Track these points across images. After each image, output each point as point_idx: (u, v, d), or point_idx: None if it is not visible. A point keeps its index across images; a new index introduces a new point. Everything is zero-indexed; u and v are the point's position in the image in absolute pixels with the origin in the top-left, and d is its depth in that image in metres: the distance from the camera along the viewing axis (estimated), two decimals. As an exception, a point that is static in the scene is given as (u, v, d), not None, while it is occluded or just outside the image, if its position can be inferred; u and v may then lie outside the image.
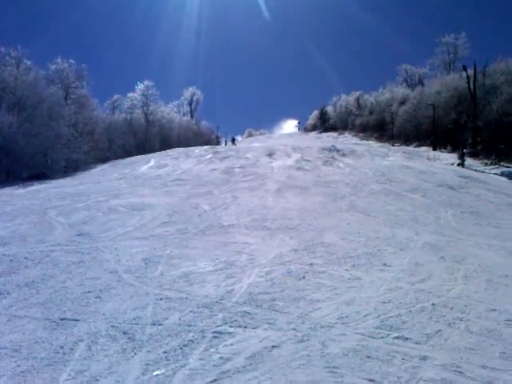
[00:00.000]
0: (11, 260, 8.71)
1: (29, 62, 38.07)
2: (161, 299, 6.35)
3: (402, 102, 59.64)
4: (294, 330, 5.28)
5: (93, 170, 33.75)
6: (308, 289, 6.87)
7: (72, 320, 5.62)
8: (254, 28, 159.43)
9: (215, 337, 5.06)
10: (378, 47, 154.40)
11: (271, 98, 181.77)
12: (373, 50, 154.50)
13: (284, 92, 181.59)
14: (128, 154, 45.11)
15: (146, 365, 4.40)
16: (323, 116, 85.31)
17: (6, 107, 33.00)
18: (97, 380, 4.12)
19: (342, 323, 5.55)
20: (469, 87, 43.36)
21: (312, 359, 4.57)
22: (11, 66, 35.80)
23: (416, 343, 5.09)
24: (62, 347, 4.83)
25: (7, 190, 22.45)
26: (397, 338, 5.20)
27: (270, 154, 32.40)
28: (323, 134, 75.00)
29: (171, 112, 72.50)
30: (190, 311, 5.85)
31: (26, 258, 8.81)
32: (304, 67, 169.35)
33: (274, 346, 4.83)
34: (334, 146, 35.89)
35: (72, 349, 4.79)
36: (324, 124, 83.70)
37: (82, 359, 4.56)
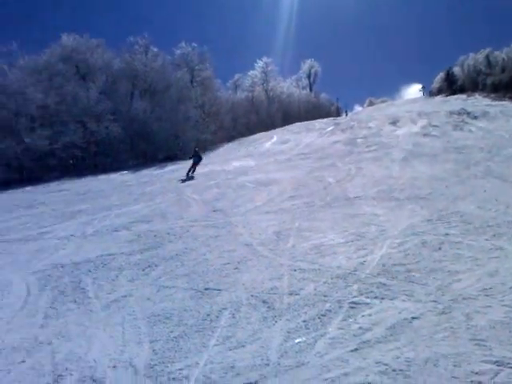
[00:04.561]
0: (155, 235, 9.48)
1: (156, 49, 40.07)
2: (295, 270, 6.52)
3: (540, 56, 53.43)
4: (434, 301, 5.12)
5: (220, 149, 35.13)
6: (445, 260, 6.59)
7: (215, 290, 6.00)
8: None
9: (352, 307, 5.09)
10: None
11: (392, 64, 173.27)
12: (502, 2, 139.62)
13: (405, 56, 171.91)
14: (251, 131, 46.10)
15: (288, 333, 4.58)
16: (450, 78, 79.48)
17: (139, 94, 35.39)
18: (243, 346, 4.38)
19: (486, 295, 5.26)
20: None
21: (456, 331, 4.42)
22: (140, 54, 38.05)
23: None
24: (208, 315, 5.20)
25: (146, 171, 24.35)
26: (549, 310, 4.82)
27: (394, 122, 31.18)
28: (450, 97, 69.88)
29: (290, 87, 72.48)
30: (325, 282, 5.93)
31: (168, 234, 9.53)
32: (425, 27, 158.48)
33: (414, 318, 4.74)
34: (463, 108, 33.50)
35: (217, 316, 5.14)
36: (451, 86, 77.87)
37: (227, 326, 4.87)
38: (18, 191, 21.76)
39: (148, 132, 32.72)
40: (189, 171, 20.28)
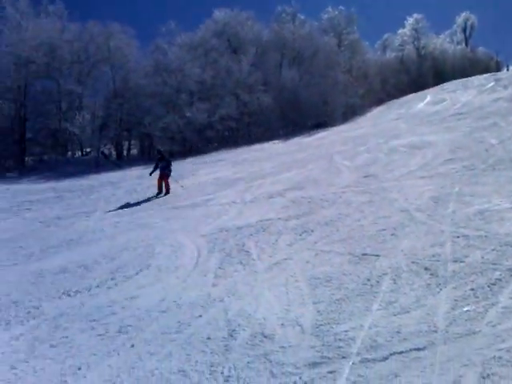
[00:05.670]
0: (309, 202, 9.72)
1: (303, 16, 40.16)
2: (457, 237, 6.21)
3: None
4: None
5: (369, 114, 34.35)
6: None
7: (373, 255, 6.01)
8: None
9: (526, 277, 4.73)
10: None
11: None
12: None
13: None
14: (401, 92, 44.03)
15: (455, 300, 4.42)
16: None
17: (287, 62, 35.96)
18: (407, 312, 4.35)
19: None
20: None
21: None
22: (288, 23, 38.48)
23: None
24: (368, 280, 5.24)
25: (296, 140, 24.84)
26: None
27: None
28: None
29: (444, 43, 67.32)
30: (493, 249, 5.56)
31: (321, 200, 9.70)
32: None
33: None
34: None
35: (378, 282, 5.15)
36: None
37: (389, 291, 4.86)
38: (181, 162, 23.69)
39: (297, 100, 33.13)
40: (159, 188, 13.95)
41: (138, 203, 13.01)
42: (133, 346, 4.53)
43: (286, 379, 3.51)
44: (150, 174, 14.25)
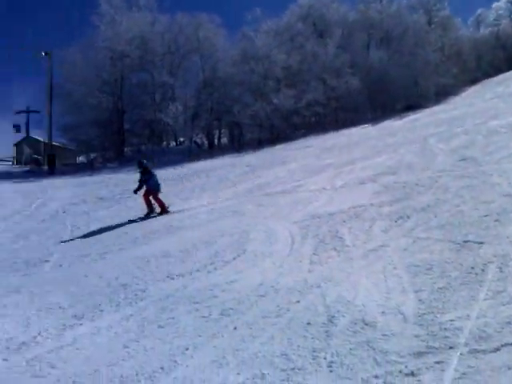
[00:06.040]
0: (404, 187, 9.45)
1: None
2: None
3: None
4: None
5: (463, 93, 32.69)
6: None
7: (476, 242, 5.73)
8: None
9: None
10: None
11: None
12: None
13: None
14: (498, 70, 41.33)
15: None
16: None
17: (375, 43, 35.08)
18: (519, 302, 4.14)
19: None
20: None
21: None
22: (375, 2, 37.36)
23: None
24: (472, 268, 5.01)
25: (386, 123, 24.18)
26: None
27: None
28: None
29: (545, 14, 62.06)
30: None
31: (416, 185, 9.39)
32: None
33: None
34: None
35: (483, 270, 4.90)
36: None
37: (495, 280, 4.62)
38: (270, 149, 23.98)
39: (386, 82, 32.19)
40: (148, 207, 11.84)
41: (231, 190, 13.35)
42: (235, 328, 4.68)
43: (392, 368, 3.48)
44: (135, 192, 12.03)
